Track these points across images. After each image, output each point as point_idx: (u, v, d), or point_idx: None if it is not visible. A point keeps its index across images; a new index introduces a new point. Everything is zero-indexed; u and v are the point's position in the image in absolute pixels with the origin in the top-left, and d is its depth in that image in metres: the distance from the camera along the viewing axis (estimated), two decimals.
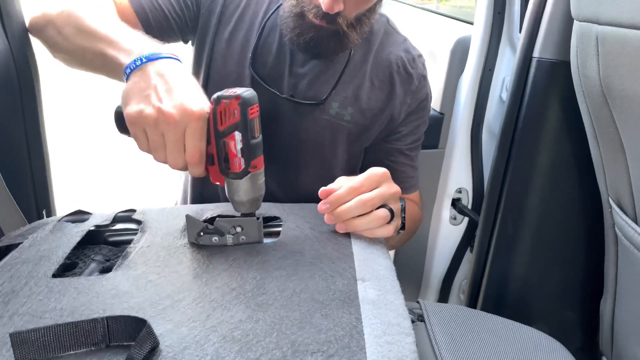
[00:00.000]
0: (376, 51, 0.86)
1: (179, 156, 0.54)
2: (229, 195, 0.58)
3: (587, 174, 0.81)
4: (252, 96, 0.54)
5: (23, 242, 0.63)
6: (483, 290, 0.98)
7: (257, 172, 0.56)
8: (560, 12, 0.79)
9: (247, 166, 0.55)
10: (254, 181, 0.57)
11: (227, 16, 0.85)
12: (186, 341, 0.44)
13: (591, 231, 0.87)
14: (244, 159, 0.55)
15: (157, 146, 0.54)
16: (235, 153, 0.54)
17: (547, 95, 0.85)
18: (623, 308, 0.78)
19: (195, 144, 0.53)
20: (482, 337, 0.57)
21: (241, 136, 0.54)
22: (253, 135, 0.54)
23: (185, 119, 0.52)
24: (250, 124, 0.54)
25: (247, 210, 0.59)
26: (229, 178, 0.57)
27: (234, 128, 0.54)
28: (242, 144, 0.54)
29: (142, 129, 0.54)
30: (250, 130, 0.54)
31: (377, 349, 0.43)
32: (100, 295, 0.51)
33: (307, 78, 0.82)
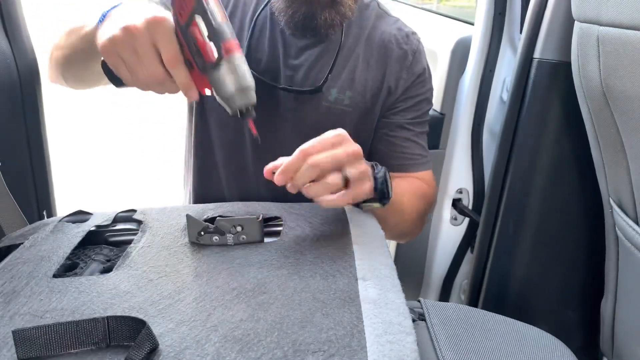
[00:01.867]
0: (369, 33, 0.86)
1: (155, 65, 0.54)
2: (217, 94, 0.56)
3: (588, 174, 0.81)
4: None
5: (24, 242, 0.63)
6: (484, 290, 0.98)
7: (232, 56, 0.53)
8: (561, 13, 0.79)
9: (220, 50, 0.53)
10: (233, 67, 0.53)
11: None
12: (187, 341, 0.44)
13: (592, 231, 0.87)
14: (213, 44, 0.53)
15: (134, 65, 0.54)
16: (204, 40, 0.53)
17: (547, 95, 0.85)
18: (624, 308, 0.78)
19: (166, 46, 0.53)
20: (483, 336, 0.57)
21: (202, 20, 0.52)
22: (216, 18, 0.52)
23: (150, 26, 0.53)
24: (209, 6, 0.52)
25: (238, 103, 0.55)
26: (209, 73, 0.54)
27: (194, 13, 0.52)
28: (206, 29, 0.52)
29: (117, 55, 0.54)
30: (211, 12, 0.52)
31: (378, 348, 0.42)
32: (101, 295, 0.51)
33: (302, 68, 0.83)
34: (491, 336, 0.58)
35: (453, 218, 1.30)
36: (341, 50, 0.83)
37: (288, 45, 0.84)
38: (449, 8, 4.21)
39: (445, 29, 1.46)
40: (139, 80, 0.56)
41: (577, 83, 0.72)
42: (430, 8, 2.69)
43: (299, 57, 0.84)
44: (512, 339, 0.58)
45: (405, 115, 0.88)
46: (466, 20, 1.39)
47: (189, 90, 0.56)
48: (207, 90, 0.57)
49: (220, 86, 0.54)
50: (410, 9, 1.84)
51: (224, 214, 0.70)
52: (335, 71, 0.83)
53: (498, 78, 1.19)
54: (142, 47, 0.53)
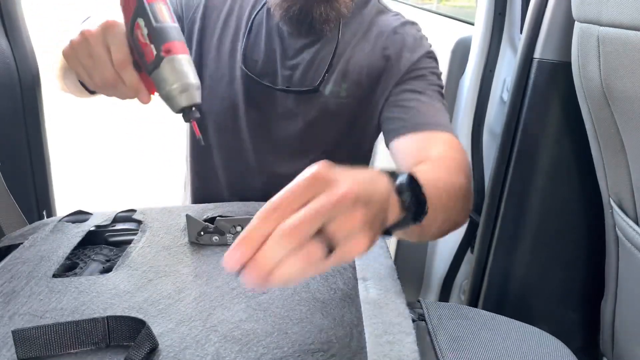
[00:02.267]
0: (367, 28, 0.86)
1: (108, 68, 0.56)
2: (159, 95, 0.56)
3: (588, 174, 0.81)
4: None
5: (23, 242, 0.63)
6: (484, 290, 0.98)
7: (173, 56, 0.54)
8: (561, 13, 0.79)
9: (159, 51, 0.53)
10: (173, 67, 0.54)
11: (211, 25, 0.86)
12: (186, 341, 0.44)
13: (592, 231, 0.87)
14: (153, 45, 0.54)
15: (90, 69, 0.56)
16: (145, 41, 0.54)
17: (548, 96, 0.84)
18: (624, 308, 0.78)
19: (115, 48, 0.55)
20: (483, 336, 0.57)
21: (143, 21, 0.54)
22: (157, 19, 0.54)
23: (103, 31, 0.55)
24: (151, 8, 0.54)
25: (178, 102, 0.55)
26: (151, 73, 0.55)
27: (135, 16, 0.54)
28: (146, 29, 0.54)
29: (77, 60, 0.56)
30: (152, 14, 0.54)
31: (377, 348, 0.42)
32: (100, 295, 0.51)
33: (300, 68, 0.83)
34: (491, 336, 0.57)
35: None
36: (338, 49, 0.82)
37: (285, 45, 0.83)
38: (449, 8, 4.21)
39: (445, 29, 1.46)
40: (96, 84, 0.58)
41: (577, 83, 0.71)
42: (430, 8, 2.69)
43: (296, 57, 0.83)
44: (512, 339, 0.58)
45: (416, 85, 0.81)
46: (466, 21, 1.39)
47: (139, 92, 0.57)
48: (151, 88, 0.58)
49: (161, 85, 0.55)
50: (410, 9, 1.85)
51: (223, 214, 0.70)
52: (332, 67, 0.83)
53: (498, 78, 1.18)
54: (95, 50, 0.55)
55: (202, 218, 0.68)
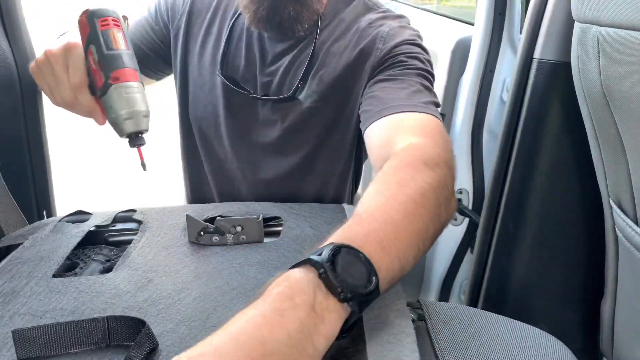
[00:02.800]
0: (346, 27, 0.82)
1: (66, 88, 0.58)
2: (107, 118, 0.58)
3: (588, 174, 0.81)
4: (103, 9, 0.56)
5: (24, 242, 0.63)
6: (484, 290, 0.98)
7: (121, 84, 0.55)
8: (561, 14, 0.79)
9: (107, 78, 0.55)
10: (120, 94, 0.55)
11: (195, 31, 0.86)
12: (186, 341, 0.44)
13: (591, 231, 0.87)
14: (102, 72, 0.55)
15: (52, 88, 0.59)
16: (95, 67, 0.56)
17: (547, 96, 0.84)
18: (623, 308, 0.78)
19: (72, 70, 0.57)
20: (483, 336, 0.57)
21: (95, 48, 0.55)
22: (109, 47, 0.55)
23: (64, 52, 0.57)
24: (104, 35, 0.55)
25: (124, 129, 0.56)
26: (100, 98, 0.57)
27: (88, 42, 0.56)
28: (97, 56, 0.55)
29: (42, 77, 0.60)
30: (104, 40, 0.55)
31: (377, 348, 0.42)
32: (100, 295, 0.51)
33: (278, 74, 0.82)
34: (491, 336, 0.57)
35: (453, 218, 1.30)
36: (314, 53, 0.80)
37: (264, 51, 0.83)
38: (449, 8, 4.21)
39: (445, 30, 1.46)
40: (57, 102, 0.60)
41: (577, 83, 0.71)
42: (430, 8, 2.69)
43: (274, 63, 0.83)
44: (512, 339, 0.58)
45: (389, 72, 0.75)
46: (466, 21, 1.39)
47: (93, 114, 0.59)
48: None
49: (108, 112, 0.57)
50: (410, 9, 1.85)
51: (223, 214, 0.70)
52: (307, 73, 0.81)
53: (498, 78, 1.18)
54: (57, 69, 0.58)
55: (202, 218, 0.68)
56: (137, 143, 0.57)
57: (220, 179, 0.90)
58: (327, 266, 0.36)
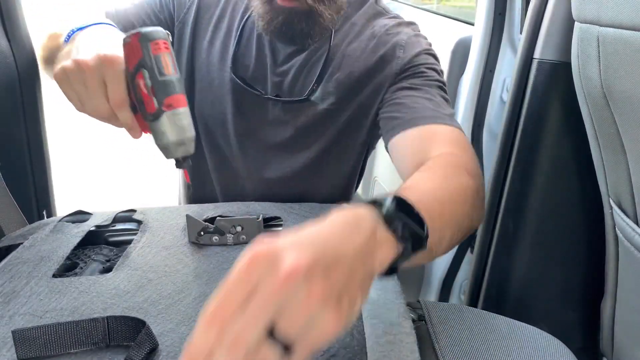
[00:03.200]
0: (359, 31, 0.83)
1: (102, 103, 0.55)
2: (155, 142, 0.57)
3: (588, 174, 0.81)
4: (154, 31, 0.53)
5: (24, 242, 0.63)
6: (484, 290, 0.98)
7: (174, 111, 0.54)
8: (561, 14, 0.79)
9: (161, 105, 0.53)
10: (173, 121, 0.54)
11: (203, 27, 0.85)
12: (186, 341, 0.44)
13: (592, 231, 0.87)
14: (155, 98, 0.53)
15: (83, 98, 0.55)
16: (147, 92, 0.54)
17: (547, 96, 0.84)
18: (623, 308, 0.78)
19: (113, 87, 0.54)
20: (483, 337, 0.57)
21: (148, 73, 0.53)
22: (161, 72, 0.53)
23: (100, 65, 0.53)
24: (156, 59, 0.53)
25: (174, 154, 0.56)
26: (149, 122, 0.55)
27: (140, 66, 0.53)
28: (150, 82, 0.53)
29: (68, 84, 0.55)
30: (157, 66, 0.53)
31: (377, 348, 0.42)
32: (100, 295, 0.51)
33: (290, 74, 0.82)
34: (491, 336, 0.57)
35: None
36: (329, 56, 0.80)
37: (276, 51, 0.82)
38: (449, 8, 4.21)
39: (445, 30, 1.46)
40: (86, 112, 0.57)
41: (577, 83, 0.71)
42: (430, 8, 2.69)
43: (286, 63, 0.82)
44: (512, 340, 0.58)
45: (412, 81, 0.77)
46: (466, 21, 1.39)
47: (132, 131, 0.57)
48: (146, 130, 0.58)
49: (158, 137, 0.56)
50: (410, 9, 1.85)
51: (223, 214, 0.70)
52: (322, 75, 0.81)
53: (498, 78, 1.18)
54: (91, 83, 0.54)
55: (202, 218, 0.68)
56: (185, 166, 0.58)
57: (225, 176, 0.90)
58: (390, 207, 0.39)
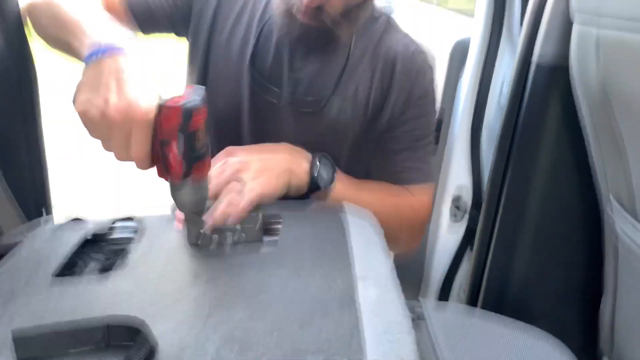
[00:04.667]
0: (374, 49, 0.84)
1: (125, 152, 0.53)
2: (171, 194, 0.57)
3: (587, 175, 0.81)
4: (197, 103, 0.52)
5: (23, 241, 0.63)
6: (483, 290, 0.98)
7: (198, 183, 0.55)
8: (559, 15, 0.79)
9: (187, 174, 0.54)
10: (196, 190, 0.56)
11: (222, 19, 0.85)
12: (186, 341, 0.44)
13: (591, 231, 0.87)
14: (183, 170, 0.53)
15: (105, 142, 0.54)
16: (174, 163, 0.53)
17: (546, 97, 0.85)
18: (623, 308, 0.78)
19: (138, 146, 0.52)
20: (482, 336, 0.57)
21: (182, 142, 0.52)
22: (194, 147, 0.52)
23: (128, 122, 0.51)
24: (192, 135, 0.52)
25: (189, 211, 0.59)
26: (171, 186, 0.56)
27: (174, 136, 0.52)
28: (183, 150, 0.52)
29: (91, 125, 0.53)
30: (191, 140, 0.52)
31: (377, 347, 0.42)
32: (100, 294, 0.51)
33: (307, 79, 0.82)
34: (490, 336, 0.58)
35: (453, 217, 1.30)
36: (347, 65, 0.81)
37: (294, 52, 0.82)
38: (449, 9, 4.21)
39: (445, 29, 1.46)
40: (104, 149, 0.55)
41: (575, 84, 0.72)
42: None
43: (304, 65, 0.82)
44: (512, 339, 0.58)
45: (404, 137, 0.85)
46: None
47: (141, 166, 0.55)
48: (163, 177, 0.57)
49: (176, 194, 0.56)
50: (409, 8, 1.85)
51: None
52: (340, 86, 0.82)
53: (497, 79, 1.19)
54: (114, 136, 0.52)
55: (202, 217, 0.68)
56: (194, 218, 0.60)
57: None
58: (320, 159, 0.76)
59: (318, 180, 0.73)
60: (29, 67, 0.85)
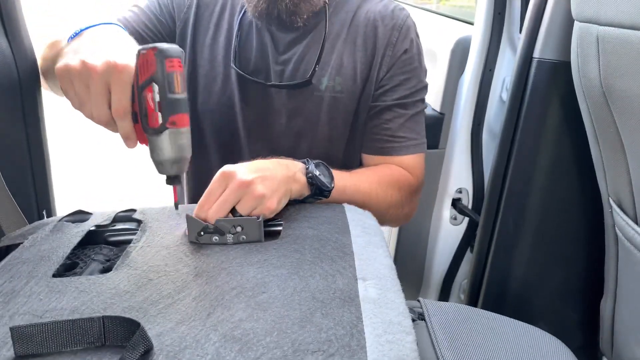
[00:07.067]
0: (354, 16, 0.85)
1: (103, 109, 0.55)
2: (151, 155, 0.57)
3: (588, 174, 0.81)
4: (171, 48, 0.54)
5: (23, 242, 0.63)
6: (483, 290, 0.98)
7: (177, 129, 0.55)
8: (560, 13, 0.79)
9: (165, 121, 0.54)
10: (173, 139, 0.55)
11: (204, 25, 0.87)
12: (186, 340, 0.44)
13: (591, 231, 0.87)
14: (161, 114, 0.54)
15: (83, 99, 0.55)
16: (153, 107, 0.54)
17: (547, 95, 0.85)
18: (623, 308, 0.78)
19: (118, 96, 0.54)
20: (483, 336, 0.57)
21: (158, 88, 0.53)
22: (172, 90, 0.54)
23: (108, 71, 0.53)
24: (169, 77, 0.53)
25: (168, 171, 0.57)
26: (149, 135, 0.56)
27: (151, 80, 0.53)
28: (159, 97, 0.53)
29: (70, 82, 0.55)
30: (168, 83, 0.53)
31: (377, 347, 0.42)
32: (100, 294, 0.51)
33: (291, 62, 0.83)
34: (491, 336, 0.58)
35: (453, 218, 1.30)
36: (327, 39, 0.82)
37: (276, 40, 0.84)
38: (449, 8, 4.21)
39: (445, 29, 1.46)
40: (84, 114, 0.57)
41: (576, 83, 0.72)
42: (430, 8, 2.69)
43: (287, 51, 0.84)
44: (511, 338, 0.58)
45: (391, 96, 0.85)
46: (466, 20, 1.39)
47: (128, 140, 0.58)
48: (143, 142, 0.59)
49: (156, 152, 0.56)
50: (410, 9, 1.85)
51: None
52: (324, 60, 0.83)
53: (498, 78, 1.19)
54: (94, 86, 0.54)
55: None
56: (175, 183, 0.58)
57: None
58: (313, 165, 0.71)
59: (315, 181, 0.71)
60: (31, 69, 0.85)
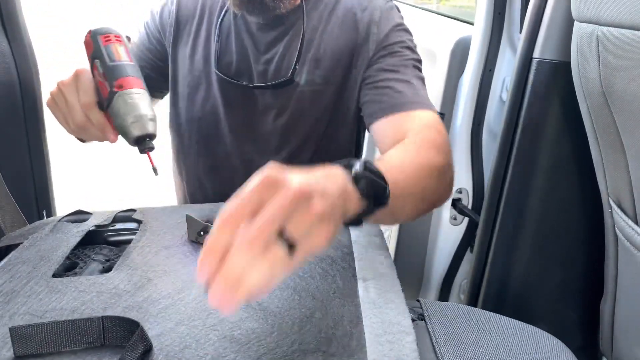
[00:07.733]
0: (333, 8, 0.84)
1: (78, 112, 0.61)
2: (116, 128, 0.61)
3: (588, 174, 0.81)
4: (103, 27, 0.62)
5: (23, 242, 0.63)
6: (483, 290, 0.98)
7: (125, 91, 0.59)
8: (560, 13, 0.79)
9: (112, 87, 0.59)
10: (125, 100, 0.59)
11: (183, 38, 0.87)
12: (186, 340, 0.44)
13: (591, 231, 0.87)
14: (107, 82, 0.59)
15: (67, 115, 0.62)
16: (101, 80, 0.60)
17: (547, 95, 0.84)
18: (623, 308, 0.78)
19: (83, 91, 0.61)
20: (483, 336, 0.57)
21: (99, 62, 0.60)
22: (112, 59, 0.60)
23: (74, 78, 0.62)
24: (107, 49, 0.60)
25: (132, 133, 0.59)
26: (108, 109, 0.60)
27: (93, 58, 0.61)
28: (102, 69, 0.60)
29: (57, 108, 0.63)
30: (107, 54, 0.60)
31: (377, 347, 0.43)
32: (100, 294, 0.51)
33: (273, 61, 0.83)
34: (491, 336, 0.57)
35: (452, 218, 1.30)
36: (305, 35, 0.81)
37: (256, 42, 0.84)
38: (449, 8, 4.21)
39: (445, 29, 1.46)
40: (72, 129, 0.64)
41: (576, 83, 0.72)
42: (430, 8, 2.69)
43: (268, 51, 0.83)
44: (511, 338, 0.58)
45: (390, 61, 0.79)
46: (466, 20, 1.39)
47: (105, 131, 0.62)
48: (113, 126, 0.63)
49: (116, 120, 0.60)
50: (410, 9, 1.85)
51: None
52: (304, 55, 0.82)
53: (498, 78, 1.18)
54: (69, 98, 0.61)
55: (202, 218, 0.68)
56: (146, 147, 0.60)
57: (220, 177, 0.90)
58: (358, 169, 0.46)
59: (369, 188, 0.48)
60: (31, 70, 0.85)
